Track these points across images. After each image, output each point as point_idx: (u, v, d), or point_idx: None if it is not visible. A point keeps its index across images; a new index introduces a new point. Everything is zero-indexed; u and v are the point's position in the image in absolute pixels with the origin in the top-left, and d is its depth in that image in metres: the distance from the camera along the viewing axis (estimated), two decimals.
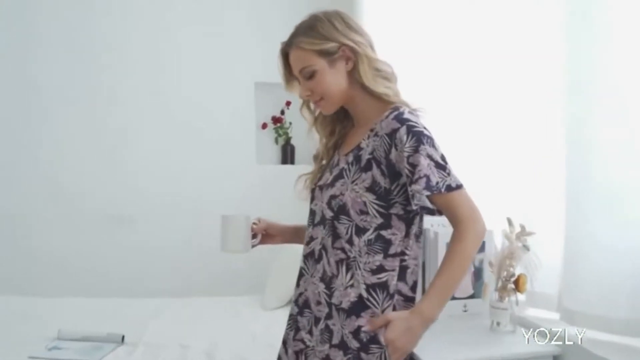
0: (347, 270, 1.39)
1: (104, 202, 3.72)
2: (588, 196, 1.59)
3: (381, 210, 1.37)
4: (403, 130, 1.32)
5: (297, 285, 1.55)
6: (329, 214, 1.43)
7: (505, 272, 1.72)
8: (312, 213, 1.52)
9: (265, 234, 1.68)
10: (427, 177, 1.29)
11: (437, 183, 1.29)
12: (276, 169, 3.97)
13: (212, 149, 3.87)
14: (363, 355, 1.34)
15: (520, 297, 1.85)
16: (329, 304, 1.42)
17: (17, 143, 3.66)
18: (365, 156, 1.39)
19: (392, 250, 1.38)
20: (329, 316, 1.42)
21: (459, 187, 1.31)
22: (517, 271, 1.73)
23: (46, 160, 3.69)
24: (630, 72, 1.48)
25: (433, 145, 1.32)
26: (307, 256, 1.51)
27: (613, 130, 1.52)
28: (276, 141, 4.08)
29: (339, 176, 1.43)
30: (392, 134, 1.34)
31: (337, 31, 1.42)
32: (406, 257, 1.39)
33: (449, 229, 1.82)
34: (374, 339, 1.35)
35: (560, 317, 1.69)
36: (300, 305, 1.51)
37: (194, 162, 3.85)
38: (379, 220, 1.38)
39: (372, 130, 1.41)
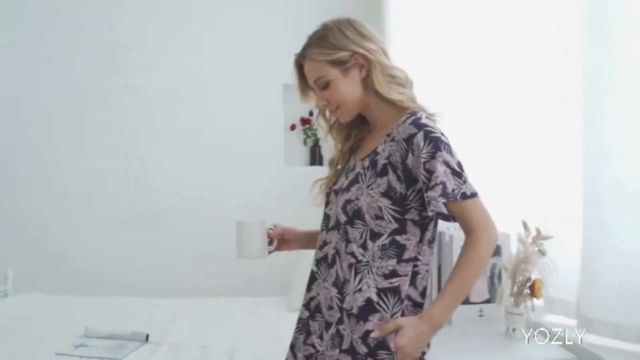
0: (357, 274, 1.39)
1: (132, 204, 3.81)
2: (606, 202, 1.55)
3: (396, 215, 1.37)
4: (420, 135, 1.32)
5: (309, 289, 1.54)
6: (343, 218, 1.43)
7: (521, 277, 1.68)
8: (327, 217, 1.52)
9: (282, 240, 1.68)
10: (444, 184, 1.28)
11: (453, 190, 1.28)
12: (304, 170, 3.98)
13: (241, 151, 3.90)
14: None
15: (539, 302, 1.81)
16: (341, 309, 1.42)
17: (45, 147, 3.80)
18: (382, 161, 1.39)
19: (406, 256, 1.37)
20: (340, 321, 1.42)
21: (474, 195, 1.30)
22: (533, 276, 1.69)
23: (76, 164, 3.80)
24: None
25: (450, 152, 1.31)
26: (320, 260, 1.51)
27: (632, 134, 1.48)
28: (305, 142, 4.09)
29: (355, 181, 1.42)
30: (409, 139, 1.34)
31: (348, 40, 1.43)
32: (419, 263, 1.38)
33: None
34: (382, 345, 1.34)
35: (578, 324, 1.65)
36: (312, 309, 1.51)
37: (222, 164, 3.89)
38: (394, 226, 1.37)
39: (388, 135, 1.41)
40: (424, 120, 1.35)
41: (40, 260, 3.70)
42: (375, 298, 1.37)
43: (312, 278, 1.54)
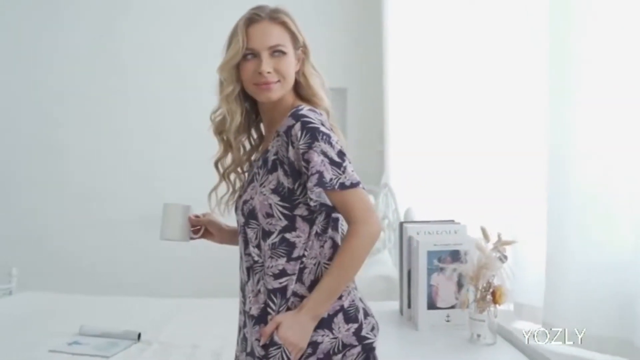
0: (255, 275, 1.41)
1: (135, 204, 3.90)
2: (568, 209, 1.54)
3: (285, 212, 1.37)
4: (298, 126, 1.33)
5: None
6: (241, 220, 1.44)
7: (484, 283, 1.68)
8: (237, 222, 1.51)
9: (206, 230, 1.66)
10: (320, 173, 1.29)
11: (331, 180, 1.30)
12: None
13: None
14: None
15: (509, 307, 1.81)
16: (244, 312, 1.45)
17: (49, 147, 3.91)
18: (271, 157, 1.39)
19: (295, 254, 1.37)
20: (245, 324, 1.45)
21: (354, 185, 1.31)
22: (496, 282, 1.68)
23: (73, 164, 3.91)
24: (612, 77, 1.42)
25: (329, 142, 1.32)
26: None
27: (595, 141, 1.47)
28: None
29: (250, 181, 1.45)
30: (288, 131, 1.35)
31: (301, 30, 1.47)
32: (304, 259, 1.38)
33: (432, 237, 1.81)
34: (272, 342, 1.34)
35: (542, 330, 1.64)
36: (241, 312, 1.52)
37: None
38: (284, 223, 1.37)
39: (277, 132, 1.41)
40: (303, 112, 1.35)
41: (44, 259, 3.82)
42: (267, 300, 1.38)
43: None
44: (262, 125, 1.57)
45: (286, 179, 1.36)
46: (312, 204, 1.33)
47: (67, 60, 3.92)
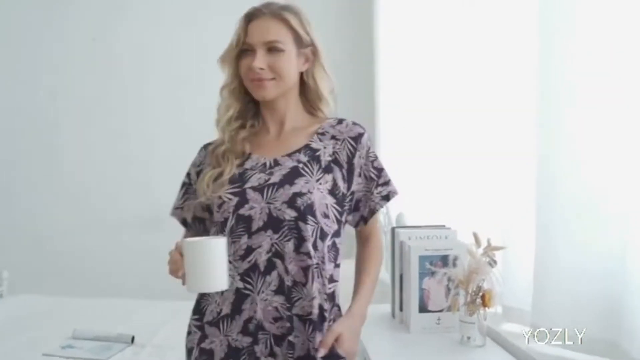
0: (313, 277, 1.34)
1: (130, 206, 3.90)
2: (555, 218, 1.60)
3: (338, 216, 1.38)
4: (367, 136, 1.43)
5: (238, 312, 1.35)
6: (291, 214, 1.33)
7: (475, 287, 1.71)
8: (245, 219, 1.36)
9: None
10: (391, 181, 1.43)
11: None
12: None
13: None
14: None
15: (498, 310, 1.84)
16: (290, 317, 1.34)
17: (42, 147, 3.91)
18: (325, 157, 1.39)
19: (339, 260, 1.40)
20: (291, 330, 1.34)
21: None
22: (486, 286, 1.72)
23: (70, 165, 3.90)
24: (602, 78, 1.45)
25: None
26: (248, 272, 1.35)
27: (583, 147, 1.51)
28: None
29: (298, 174, 1.36)
30: (358, 138, 1.40)
31: (311, 29, 1.45)
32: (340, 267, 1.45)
33: (423, 242, 1.85)
34: (332, 354, 1.33)
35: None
36: (253, 331, 1.36)
37: None
38: (335, 227, 1.38)
39: (321, 133, 1.43)
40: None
41: (36, 262, 3.81)
42: (324, 305, 1.35)
43: (241, 298, 1.36)
44: (268, 122, 1.48)
45: (342, 183, 1.39)
46: (376, 208, 1.42)
47: (62, 61, 3.92)
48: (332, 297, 1.40)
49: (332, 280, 1.39)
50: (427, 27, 2.51)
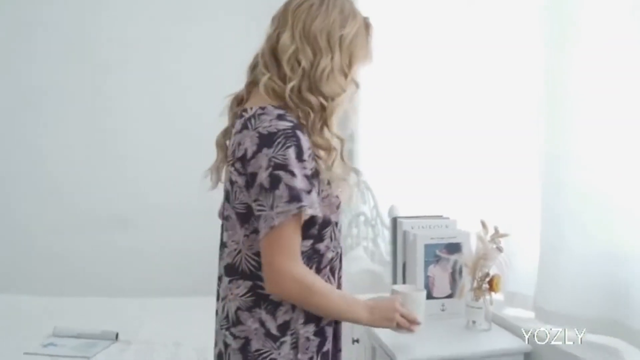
0: None
1: (103, 203, 3.80)
2: (560, 202, 1.64)
3: None
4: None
5: None
6: (339, 214, 1.45)
7: (481, 273, 1.77)
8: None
9: None
10: None
11: None
12: None
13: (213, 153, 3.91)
14: None
15: (499, 296, 1.90)
16: None
17: (17, 145, 3.76)
18: None
19: None
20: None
21: None
22: (492, 272, 1.78)
23: (46, 162, 3.77)
24: (606, 77, 1.51)
25: None
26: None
27: (587, 137, 1.57)
28: None
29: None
30: None
31: None
32: None
33: (426, 231, 1.89)
34: None
35: (535, 316, 1.74)
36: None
37: (195, 165, 3.88)
38: None
39: None
40: None
41: (13, 260, 3.67)
42: None
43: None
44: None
45: None
46: None
47: (42, 58, 3.76)
48: None
49: None
50: (417, 17, 2.52)
